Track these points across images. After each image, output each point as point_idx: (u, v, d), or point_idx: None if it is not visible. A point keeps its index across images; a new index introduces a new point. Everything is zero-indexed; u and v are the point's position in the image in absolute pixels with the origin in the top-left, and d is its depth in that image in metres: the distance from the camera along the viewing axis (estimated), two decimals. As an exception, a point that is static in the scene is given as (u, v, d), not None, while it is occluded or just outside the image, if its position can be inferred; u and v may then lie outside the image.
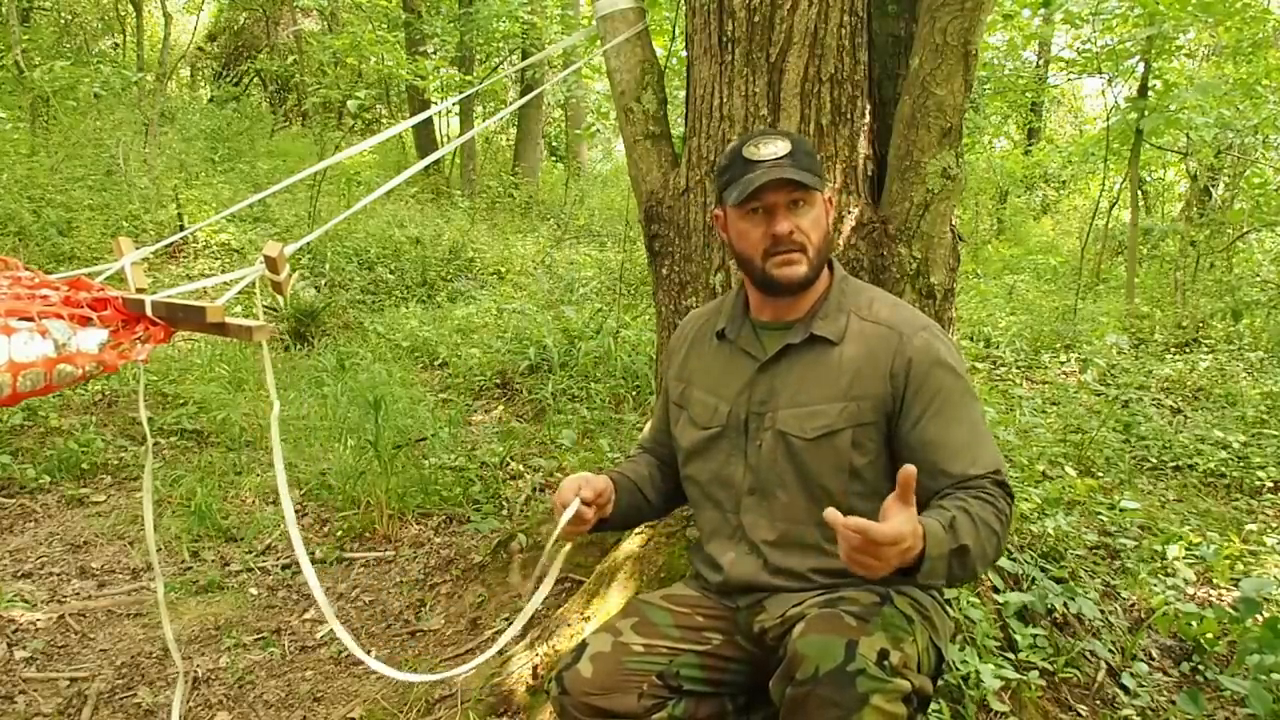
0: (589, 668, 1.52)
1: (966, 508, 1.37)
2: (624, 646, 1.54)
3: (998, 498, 1.41)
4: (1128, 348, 5.97)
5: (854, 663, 1.27)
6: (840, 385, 1.51)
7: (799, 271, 1.52)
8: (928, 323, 1.55)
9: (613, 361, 4.96)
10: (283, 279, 1.51)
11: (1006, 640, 2.23)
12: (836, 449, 1.50)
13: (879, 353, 1.51)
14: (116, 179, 7.53)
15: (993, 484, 1.43)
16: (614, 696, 1.50)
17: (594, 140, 14.74)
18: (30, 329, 1.30)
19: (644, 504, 1.72)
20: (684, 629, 1.58)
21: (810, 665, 1.28)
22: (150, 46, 11.92)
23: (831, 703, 1.26)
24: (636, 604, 1.66)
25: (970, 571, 1.34)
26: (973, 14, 1.99)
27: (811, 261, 1.53)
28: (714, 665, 1.57)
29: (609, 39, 2.35)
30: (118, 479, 3.97)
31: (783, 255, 1.52)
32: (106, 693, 2.46)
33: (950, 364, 1.50)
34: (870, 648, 1.29)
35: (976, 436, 1.47)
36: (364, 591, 3.04)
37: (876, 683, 1.27)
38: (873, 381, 1.50)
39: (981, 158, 11.66)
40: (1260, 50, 7.05)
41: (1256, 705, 1.99)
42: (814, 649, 1.30)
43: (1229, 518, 3.42)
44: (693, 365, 1.70)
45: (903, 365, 1.49)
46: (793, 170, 1.49)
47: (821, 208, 1.55)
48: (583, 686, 1.50)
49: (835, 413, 1.50)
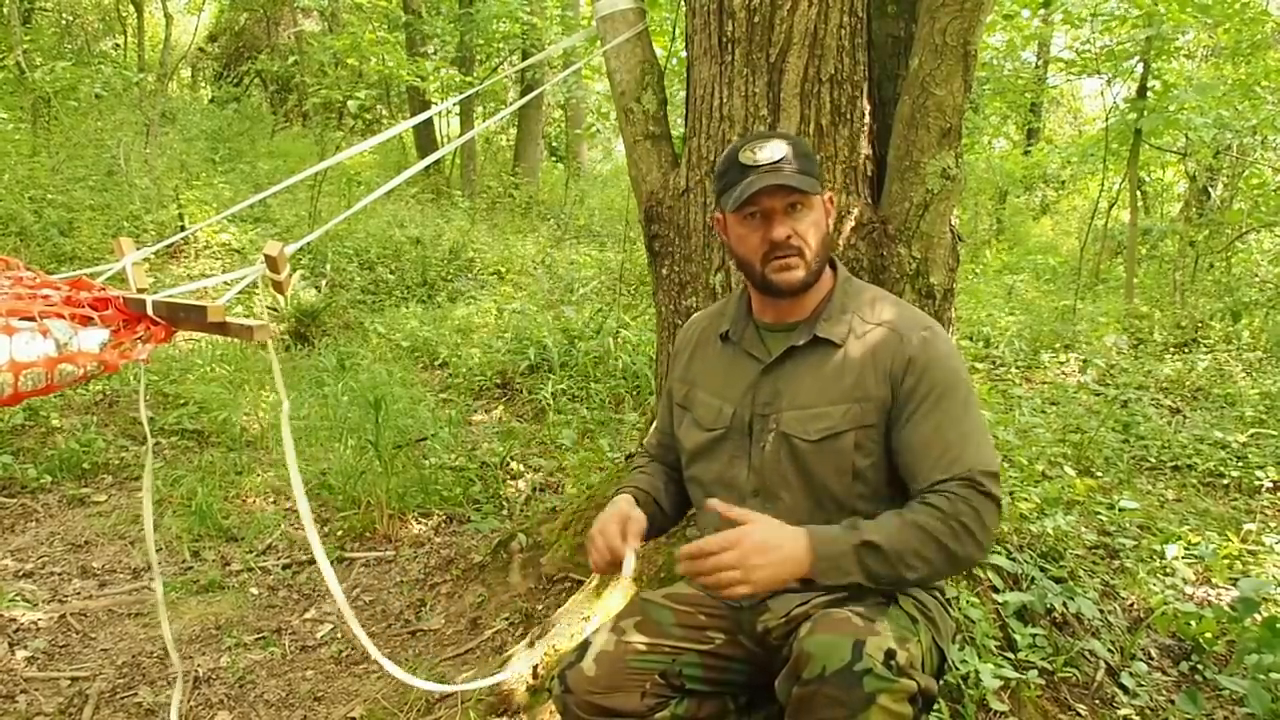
0: (592, 666, 1.52)
1: (900, 511, 1.40)
2: (627, 645, 1.54)
3: (957, 499, 1.39)
4: (1127, 348, 5.98)
5: (861, 662, 1.27)
6: (843, 387, 1.52)
7: (797, 276, 1.53)
8: (929, 323, 1.55)
9: (613, 361, 4.97)
10: (283, 279, 1.51)
11: (1006, 640, 2.24)
12: (839, 451, 1.50)
13: (881, 354, 1.51)
14: (117, 179, 7.53)
15: (960, 485, 1.40)
16: (617, 695, 1.50)
17: (594, 140, 14.74)
18: (32, 329, 1.30)
19: (660, 516, 1.72)
20: (686, 628, 1.58)
21: (817, 664, 1.29)
22: (151, 47, 11.92)
23: (838, 702, 1.27)
24: (639, 602, 1.66)
25: (900, 569, 1.36)
26: (972, 14, 2.00)
27: (810, 264, 1.53)
28: (716, 665, 1.57)
29: (609, 39, 2.35)
30: (119, 479, 3.97)
31: (780, 260, 1.52)
32: (107, 692, 2.46)
33: (947, 365, 1.50)
34: (877, 647, 1.29)
35: (961, 438, 1.44)
36: (364, 591, 3.05)
37: (883, 682, 1.27)
38: (874, 383, 1.50)
39: (981, 158, 11.66)
40: (1259, 51, 7.06)
41: (1255, 705, 2.00)
42: (821, 648, 1.30)
43: (1228, 517, 3.42)
44: (697, 367, 1.71)
45: (901, 366, 1.49)
46: (788, 175, 1.49)
47: (820, 210, 1.56)
48: (586, 685, 1.51)
49: (838, 415, 1.50)
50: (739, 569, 1.33)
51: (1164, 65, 7.52)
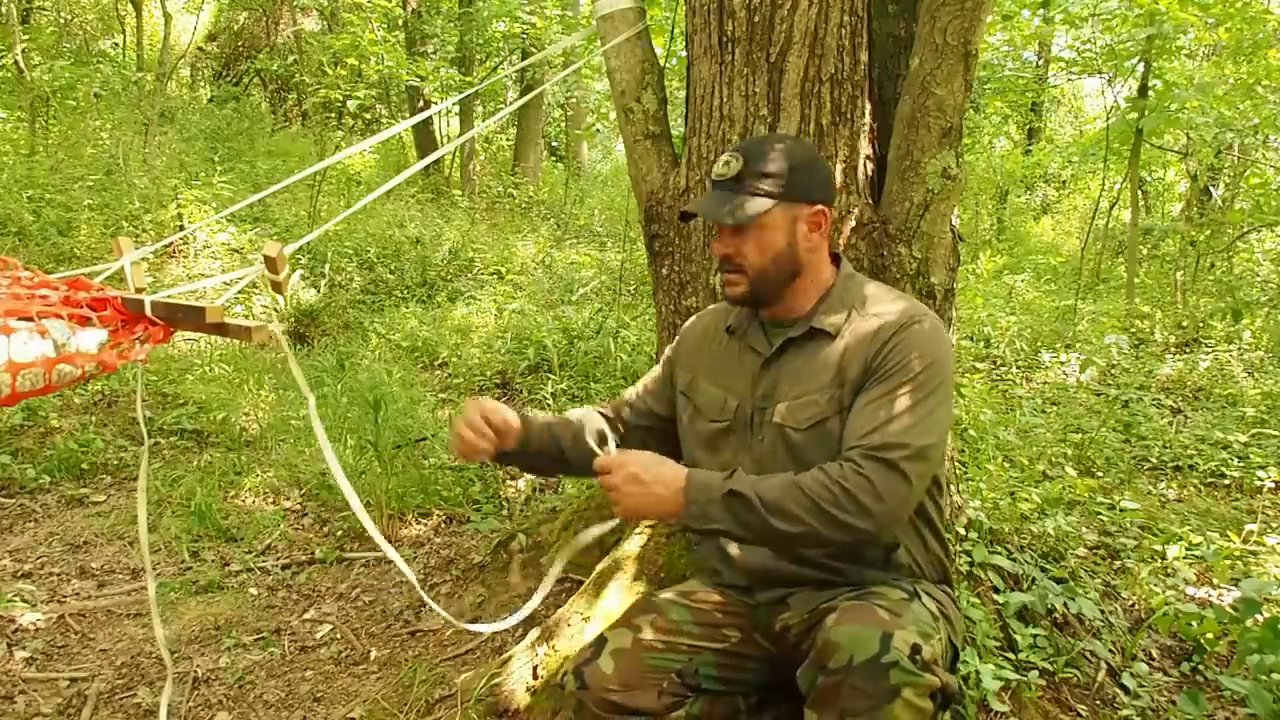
0: (610, 663, 1.51)
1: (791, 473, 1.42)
2: (644, 643, 1.54)
3: (849, 466, 1.38)
4: (1128, 348, 5.97)
5: (888, 654, 1.28)
6: (831, 373, 1.53)
7: (737, 291, 1.59)
8: (924, 315, 1.53)
9: (613, 361, 4.96)
10: (282, 279, 1.51)
11: (1006, 640, 2.23)
12: (828, 436, 1.51)
13: (867, 341, 1.52)
14: (116, 179, 7.52)
15: (861, 454, 1.39)
16: (634, 693, 1.50)
17: (594, 140, 14.73)
18: (30, 329, 1.30)
19: (558, 455, 1.69)
20: (704, 626, 1.58)
21: (845, 654, 1.29)
22: (150, 46, 11.90)
23: (864, 693, 1.27)
24: (654, 601, 1.66)
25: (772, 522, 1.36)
26: (973, 14, 1.99)
27: (752, 281, 1.57)
28: (731, 664, 1.57)
29: (609, 39, 2.34)
30: (117, 479, 3.97)
31: (725, 275, 1.60)
32: (106, 693, 2.46)
33: (915, 350, 1.47)
34: (904, 641, 1.30)
35: (891, 416, 1.41)
36: (364, 591, 3.04)
37: (909, 676, 1.27)
38: (855, 367, 1.51)
39: (981, 158, 11.66)
40: (1260, 50, 7.04)
41: (1257, 705, 1.99)
42: (849, 638, 1.30)
43: (1229, 517, 3.41)
44: (702, 356, 1.72)
45: (877, 348, 1.50)
46: (728, 200, 1.53)
47: (779, 226, 1.55)
48: (604, 682, 1.50)
49: (824, 401, 1.52)
50: (615, 491, 1.42)
51: (1165, 64, 7.51)
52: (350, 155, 8.09)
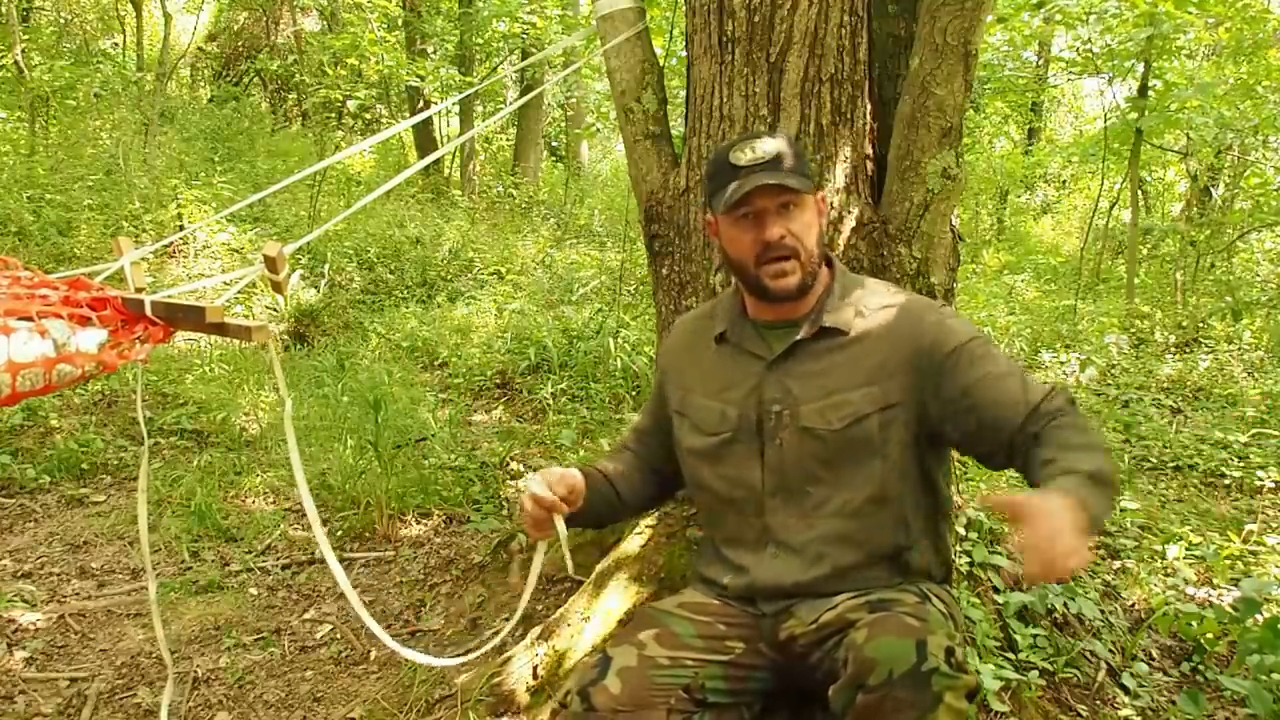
0: (616, 683, 1.45)
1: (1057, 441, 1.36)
2: (649, 660, 1.49)
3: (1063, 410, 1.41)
4: (1128, 347, 5.97)
5: (927, 662, 1.26)
6: (863, 370, 1.51)
7: (792, 282, 1.52)
8: (931, 303, 1.59)
9: (612, 361, 4.96)
10: (282, 279, 1.51)
11: (1006, 640, 2.23)
12: (866, 435, 1.49)
13: (899, 335, 1.51)
14: (116, 179, 7.52)
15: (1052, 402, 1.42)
16: (642, 713, 1.44)
17: (594, 140, 14.73)
18: (29, 329, 1.29)
19: (615, 501, 1.69)
20: (707, 639, 1.54)
21: (884, 669, 1.26)
22: (150, 46, 11.90)
23: (907, 704, 1.24)
24: (655, 614, 1.61)
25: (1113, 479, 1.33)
26: (973, 14, 1.99)
27: (805, 267, 1.52)
28: (737, 675, 1.54)
29: (609, 39, 2.34)
30: (117, 479, 3.97)
31: (775, 265, 1.51)
32: (106, 693, 2.46)
33: (968, 332, 1.52)
34: (938, 646, 1.28)
35: (1017, 379, 1.46)
36: (364, 591, 3.04)
37: (949, 680, 1.26)
38: (897, 363, 1.50)
39: (981, 158, 11.66)
40: (1260, 50, 7.05)
41: (1257, 705, 1.99)
42: (884, 652, 1.27)
43: (1229, 518, 3.41)
44: (691, 371, 1.68)
45: (927, 348, 1.49)
46: (779, 174, 1.48)
47: (813, 210, 1.54)
48: (611, 704, 1.44)
49: (860, 398, 1.50)
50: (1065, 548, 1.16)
51: (1165, 64, 7.51)
52: (350, 155, 8.09)
